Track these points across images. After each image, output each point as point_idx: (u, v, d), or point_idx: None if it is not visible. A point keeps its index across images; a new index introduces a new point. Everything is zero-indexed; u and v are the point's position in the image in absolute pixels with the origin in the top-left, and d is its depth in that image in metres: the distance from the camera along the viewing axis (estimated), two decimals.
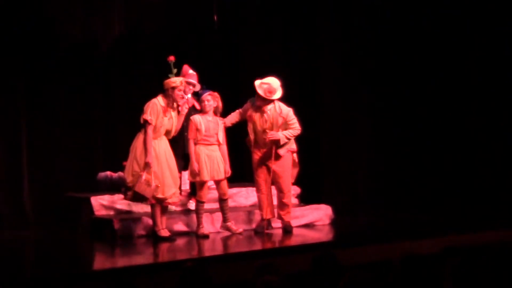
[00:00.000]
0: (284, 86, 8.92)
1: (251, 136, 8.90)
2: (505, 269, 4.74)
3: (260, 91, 8.74)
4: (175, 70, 8.43)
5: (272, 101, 8.77)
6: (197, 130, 8.58)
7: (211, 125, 8.64)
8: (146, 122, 8.28)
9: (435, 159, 10.76)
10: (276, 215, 8.99)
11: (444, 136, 10.72)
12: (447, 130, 10.70)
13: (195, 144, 8.59)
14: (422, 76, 10.81)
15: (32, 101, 10.34)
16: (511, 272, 4.73)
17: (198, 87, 9.34)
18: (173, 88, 8.37)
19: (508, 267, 4.76)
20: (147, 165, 8.22)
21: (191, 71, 9.38)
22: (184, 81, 9.22)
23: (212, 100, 8.66)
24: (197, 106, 9.06)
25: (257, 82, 8.79)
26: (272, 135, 8.73)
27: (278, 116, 8.77)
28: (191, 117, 8.65)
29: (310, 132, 9.62)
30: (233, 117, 8.97)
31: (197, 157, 8.57)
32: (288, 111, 8.83)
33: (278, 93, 8.79)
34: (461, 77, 10.57)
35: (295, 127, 8.81)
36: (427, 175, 10.74)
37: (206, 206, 8.79)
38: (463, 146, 10.55)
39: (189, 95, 9.37)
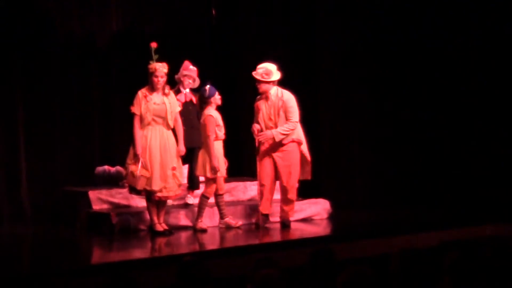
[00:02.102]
0: (284, 82, 8.97)
1: (261, 125, 8.83)
2: (503, 263, 4.75)
3: (257, 76, 8.76)
4: (156, 56, 8.44)
5: (271, 84, 8.77)
6: (218, 126, 8.56)
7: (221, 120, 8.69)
8: (133, 114, 8.35)
9: (433, 153, 10.77)
10: (279, 210, 8.95)
11: (441, 131, 10.72)
12: (444, 126, 10.70)
13: (214, 140, 8.55)
14: (421, 74, 10.81)
15: (30, 97, 10.34)
16: (508, 266, 4.74)
17: (197, 83, 9.34)
18: (150, 74, 8.40)
19: (506, 261, 4.77)
20: (135, 157, 8.23)
21: (191, 67, 9.39)
22: (183, 76, 9.28)
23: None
24: (194, 101, 9.11)
25: (253, 72, 8.82)
26: (263, 135, 8.69)
27: (279, 100, 8.74)
28: (211, 114, 8.55)
29: (309, 127, 9.60)
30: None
31: (219, 154, 8.56)
32: (289, 97, 8.76)
33: (276, 75, 8.80)
34: (461, 75, 10.57)
35: (292, 119, 8.71)
36: (425, 170, 10.74)
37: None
38: (461, 141, 10.55)
39: (187, 90, 9.38)
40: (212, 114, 8.55)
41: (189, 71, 9.33)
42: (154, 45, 8.47)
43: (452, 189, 10.46)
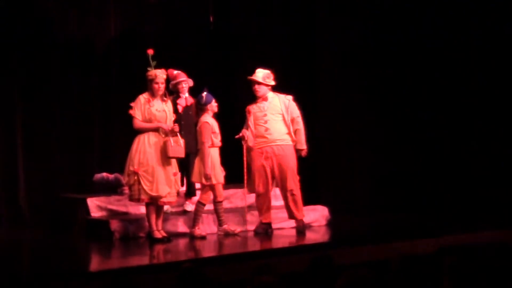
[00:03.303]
0: (283, 84, 8.97)
1: (251, 130, 8.79)
2: (502, 269, 4.71)
3: (258, 79, 8.76)
4: (154, 63, 8.42)
5: (269, 88, 8.81)
6: (214, 133, 8.53)
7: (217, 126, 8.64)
8: (132, 117, 8.37)
9: (432, 159, 10.71)
10: (288, 215, 8.90)
11: (441, 131, 10.68)
12: (444, 126, 10.66)
13: (209, 147, 8.52)
14: (421, 74, 10.77)
15: (28, 102, 10.32)
16: (507, 271, 4.70)
17: (191, 82, 9.28)
18: (150, 80, 8.41)
19: (505, 267, 4.74)
20: (173, 130, 8.28)
21: (176, 72, 9.30)
22: (175, 85, 9.20)
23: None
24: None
25: (251, 77, 8.78)
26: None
27: (283, 101, 8.80)
28: (207, 121, 8.54)
29: (309, 127, 9.58)
30: (251, 136, 8.86)
31: (215, 161, 8.52)
32: (290, 99, 8.86)
33: (272, 81, 8.86)
34: (461, 75, 10.53)
35: (300, 122, 8.86)
36: (423, 176, 10.69)
37: (206, 207, 8.76)
38: (460, 146, 10.50)
39: (186, 94, 9.30)
40: (208, 121, 8.54)
41: (178, 77, 9.25)
42: (150, 52, 8.46)
43: (452, 190, 10.40)
